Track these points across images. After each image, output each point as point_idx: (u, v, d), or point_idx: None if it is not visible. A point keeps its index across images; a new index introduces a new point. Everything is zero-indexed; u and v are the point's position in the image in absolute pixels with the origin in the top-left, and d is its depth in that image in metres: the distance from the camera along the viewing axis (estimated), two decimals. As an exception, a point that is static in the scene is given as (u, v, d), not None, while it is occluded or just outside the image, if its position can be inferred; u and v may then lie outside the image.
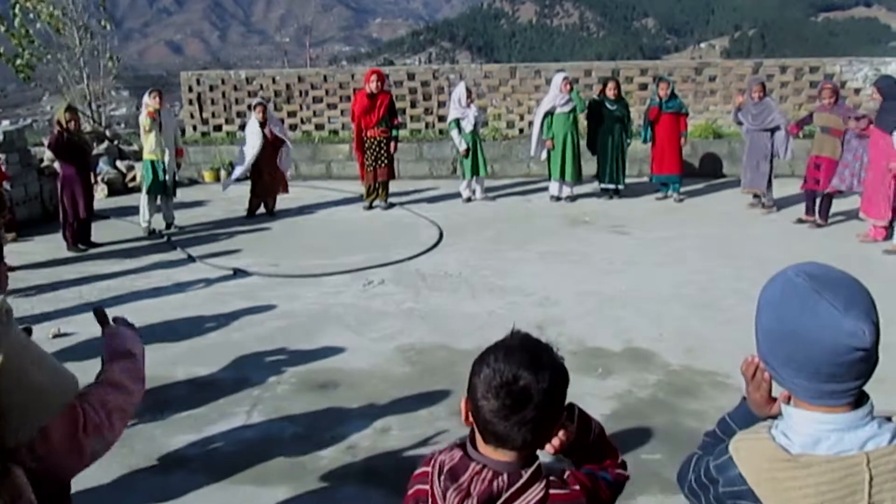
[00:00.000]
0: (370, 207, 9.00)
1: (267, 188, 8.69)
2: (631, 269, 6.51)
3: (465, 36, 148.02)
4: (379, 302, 5.86)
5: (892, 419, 1.16)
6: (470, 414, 1.31)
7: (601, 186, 9.28)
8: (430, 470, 1.32)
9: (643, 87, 11.13)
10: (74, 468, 1.36)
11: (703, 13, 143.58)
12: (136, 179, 9.96)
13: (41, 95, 13.33)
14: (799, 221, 7.82)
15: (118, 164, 10.49)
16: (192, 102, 11.64)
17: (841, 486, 1.10)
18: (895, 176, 6.51)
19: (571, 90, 8.92)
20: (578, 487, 1.29)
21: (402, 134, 10.95)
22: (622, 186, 9.19)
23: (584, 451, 1.39)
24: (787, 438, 1.16)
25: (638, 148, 9.52)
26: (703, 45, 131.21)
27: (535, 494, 1.23)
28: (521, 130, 11.25)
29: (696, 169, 10.41)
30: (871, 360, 1.12)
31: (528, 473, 1.25)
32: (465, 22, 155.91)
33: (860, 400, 1.15)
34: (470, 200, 9.29)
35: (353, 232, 8.06)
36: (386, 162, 8.79)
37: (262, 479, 3.53)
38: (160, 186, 7.86)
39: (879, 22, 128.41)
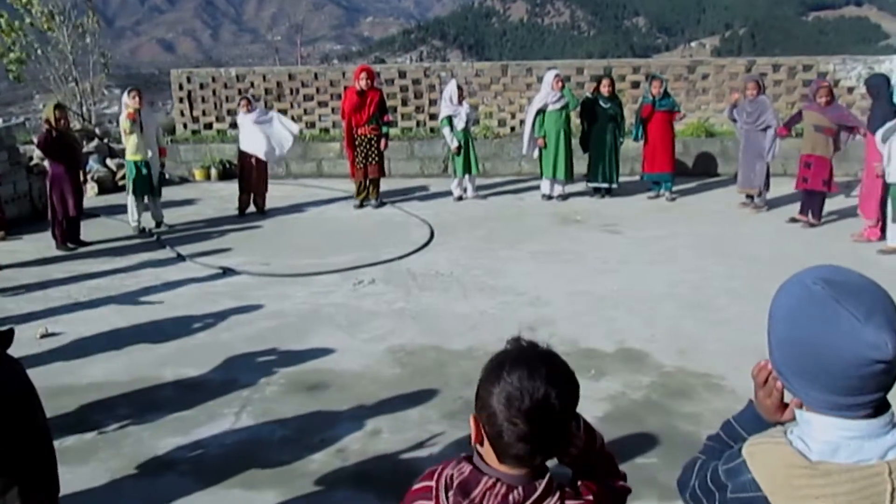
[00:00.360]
0: (361, 206, 8.94)
1: (254, 183, 8.59)
2: (623, 268, 6.48)
3: (456, 35, 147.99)
4: (369, 302, 5.80)
5: None
6: (485, 435, 1.22)
7: (592, 185, 9.26)
8: (433, 485, 1.26)
9: (635, 85, 11.10)
10: None
11: (693, 12, 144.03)
12: (126, 177, 9.87)
13: (33, 94, 13.23)
14: (792, 220, 7.80)
15: (108, 162, 10.39)
16: (182, 100, 11.53)
17: (861, 496, 1.05)
18: (878, 176, 6.51)
19: (563, 87, 8.89)
20: (592, 497, 1.25)
21: (393, 132, 10.89)
22: (616, 185, 9.17)
23: (589, 461, 1.36)
24: (804, 444, 1.10)
25: (630, 146, 9.49)
26: (693, 44, 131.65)
27: (550, 501, 1.20)
28: (512, 129, 11.20)
29: (688, 168, 10.40)
30: (893, 371, 1.05)
31: (542, 485, 1.21)
32: (456, 21, 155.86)
33: (881, 407, 1.09)
34: (461, 199, 9.24)
35: (343, 231, 8.00)
36: (376, 159, 8.75)
37: (250, 483, 3.47)
38: (146, 187, 7.81)
39: (870, 21, 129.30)
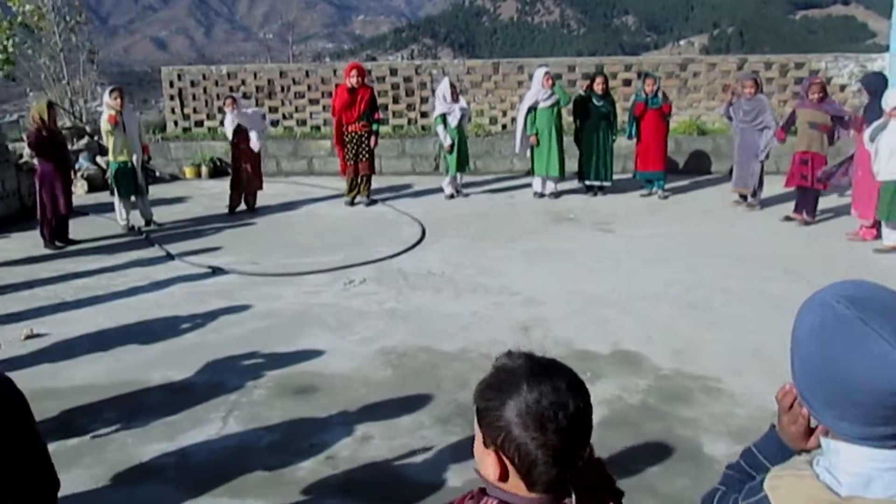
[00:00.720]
0: (352, 203, 8.86)
1: (247, 183, 8.52)
2: (617, 267, 6.41)
3: (447, 33, 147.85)
4: (360, 302, 5.71)
5: None
6: (512, 468, 1.09)
7: (585, 183, 9.20)
8: None
9: (627, 83, 11.05)
10: None
11: (682, 10, 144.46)
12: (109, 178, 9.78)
13: (27, 91, 13.09)
14: (787, 219, 7.77)
15: (98, 159, 10.25)
16: (173, 98, 11.42)
17: None
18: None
19: (553, 84, 8.82)
20: None
21: (384, 130, 10.81)
22: (609, 183, 9.11)
23: (587, 472, 1.26)
24: (833, 477, 1.00)
25: (622, 144, 9.44)
26: (682, 42, 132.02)
27: None
28: (503, 126, 11.13)
29: (680, 165, 10.37)
30: None
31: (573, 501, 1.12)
32: (447, 19, 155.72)
33: None
34: (453, 197, 9.17)
35: (334, 229, 7.90)
36: (367, 156, 8.69)
37: (237, 491, 3.37)
38: (131, 187, 7.73)
39: (857, 20, 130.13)
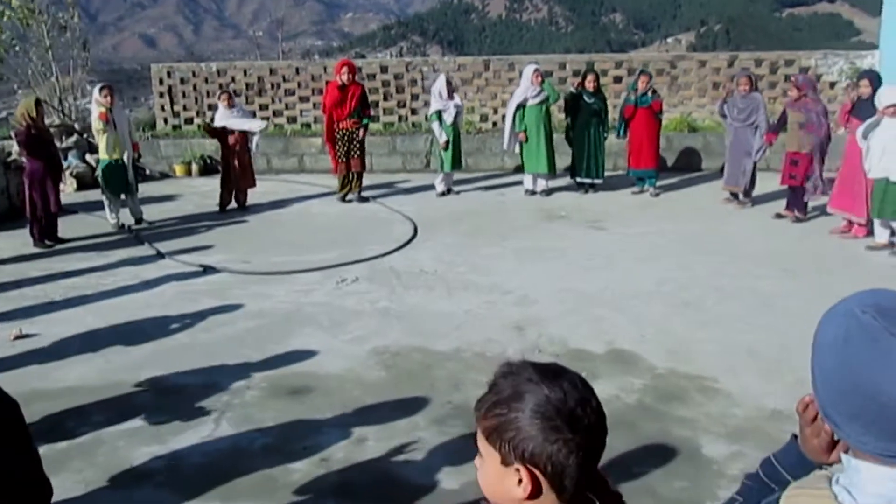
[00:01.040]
0: (344, 200, 8.81)
1: (238, 181, 8.44)
2: (609, 266, 6.39)
3: (435, 30, 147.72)
4: (352, 300, 5.66)
5: None
6: (545, 482, 1.02)
7: (577, 180, 9.19)
8: None
9: (618, 80, 11.05)
10: None
11: (669, 8, 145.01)
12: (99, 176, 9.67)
13: (14, 89, 12.94)
14: (778, 216, 7.78)
15: (87, 157, 10.13)
16: (162, 95, 11.31)
17: None
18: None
19: (542, 82, 8.81)
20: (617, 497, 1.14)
21: (375, 127, 10.77)
22: (600, 180, 9.11)
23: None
24: (852, 497, 0.97)
25: (612, 142, 9.43)
26: (669, 39, 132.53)
27: None
28: (494, 124, 11.10)
29: (671, 163, 10.38)
30: None
31: (596, 500, 1.08)
32: (435, 16, 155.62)
33: None
34: (444, 194, 9.13)
35: (326, 227, 7.85)
36: (358, 153, 8.65)
37: (230, 495, 3.32)
38: (121, 185, 7.65)
39: (842, 17, 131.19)
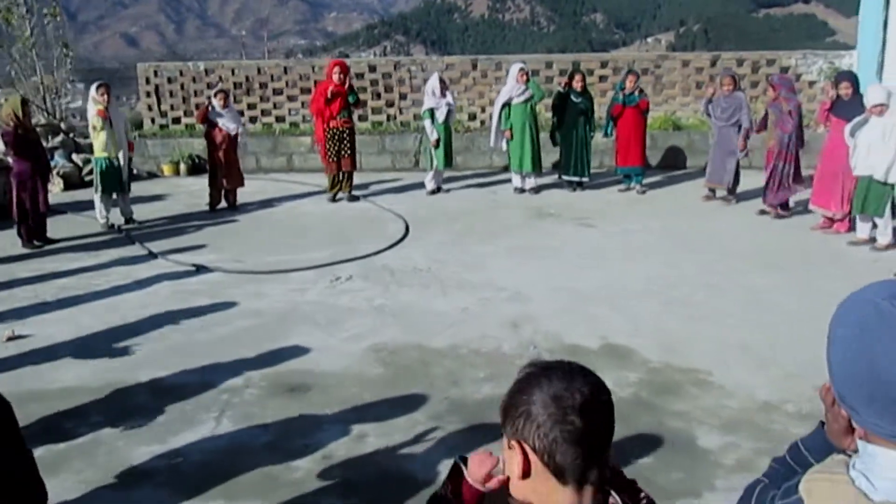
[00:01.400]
0: (334, 199, 8.82)
1: (226, 180, 8.41)
2: (600, 263, 6.46)
3: (419, 30, 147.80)
4: (347, 299, 5.68)
5: None
6: (534, 457, 1.09)
7: (565, 178, 9.27)
8: None
9: (603, 79, 11.15)
10: None
11: (649, 8, 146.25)
12: (93, 173, 9.55)
13: (-2, 88, 12.84)
14: (761, 213, 7.91)
15: (74, 157, 10.04)
16: (149, 95, 11.23)
17: None
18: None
19: (528, 81, 8.88)
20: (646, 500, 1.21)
21: (364, 126, 10.78)
22: (587, 178, 9.20)
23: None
24: (867, 482, 1.00)
25: (598, 140, 9.53)
26: (649, 39, 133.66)
27: None
28: (482, 123, 11.15)
29: (656, 161, 10.49)
30: None
31: (618, 499, 1.13)
32: (419, 16, 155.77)
33: None
34: (435, 193, 9.17)
35: (317, 226, 7.85)
36: (349, 152, 8.67)
37: (232, 493, 3.33)
38: (116, 184, 7.61)
39: (817, 18, 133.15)
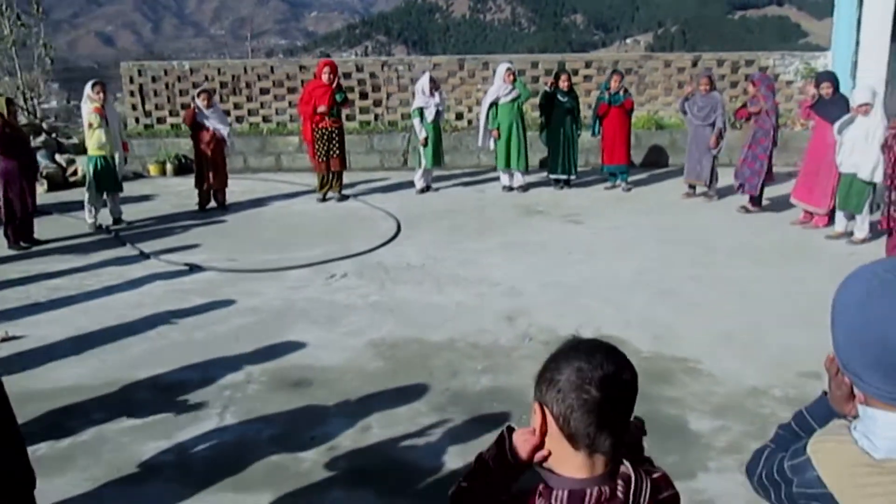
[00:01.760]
0: (324, 199, 8.86)
1: (213, 179, 8.41)
2: (589, 258, 6.59)
3: (400, 30, 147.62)
4: (343, 295, 5.74)
5: None
6: (551, 423, 1.20)
7: (552, 177, 9.40)
8: None
9: (587, 78, 11.31)
10: None
11: (628, 9, 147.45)
12: (77, 174, 9.52)
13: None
14: (744, 210, 8.07)
15: (57, 157, 9.97)
16: (133, 94, 11.18)
17: None
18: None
19: (515, 80, 9.01)
20: (659, 475, 1.28)
21: (352, 126, 10.83)
22: (574, 176, 9.34)
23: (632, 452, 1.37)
24: (869, 442, 1.10)
25: (584, 139, 9.68)
26: (628, 40, 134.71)
27: (646, 486, 1.21)
28: (469, 122, 11.26)
29: (640, 160, 10.67)
30: None
31: (630, 469, 1.21)
32: (399, 16, 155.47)
33: None
34: (424, 191, 9.26)
35: (309, 225, 7.90)
36: (338, 152, 8.71)
37: (242, 485, 3.39)
38: (109, 182, 7.60)
39: (790, 20, 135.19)
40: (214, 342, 4.87)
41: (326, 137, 8.59)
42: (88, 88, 7.43)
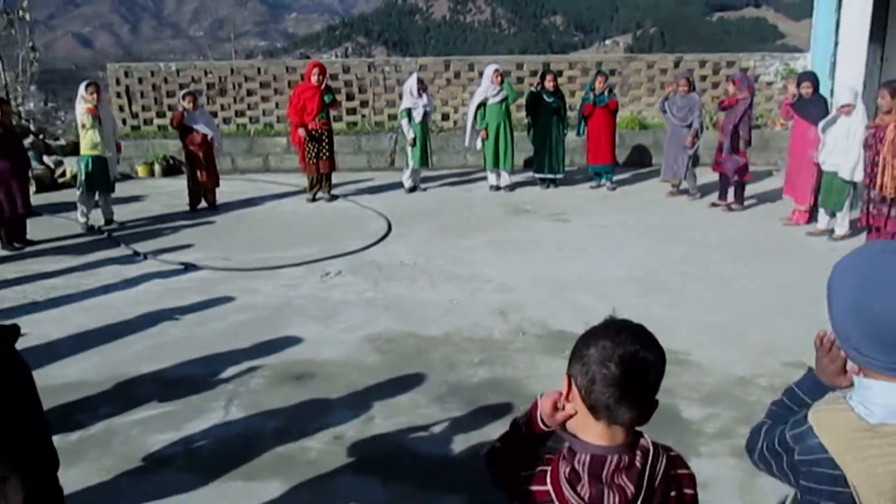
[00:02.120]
0: (314, 199, 8.93)
1: (204, 180, 8.47)
2: (579, 255, 6.74)
3: (380, 31, 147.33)
4: (339, 293, 5.84)
5: None
6: (576, 393, 1.32)
7: (538, 176, 9.56)
8: (548, 488, 1.32)
9: (571, 79, 11.50)
10: None
11: (607, 11, 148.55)
12: (66, 175, 9.49)
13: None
14: (728, 209, 8.27)
15: (45, 159, 9.94)
16: (120, 95, 11.16)
17: None
18: (816, 164, 7.05)
19: (502, 81, 9.15)
20: (676, 454, 1.41)
21: (339, 127, 10.90)
22: (561, 175, 9.51)
23: None
24: (865, 409, 1.18)
25: (569, 139, 9.85)
26: (608, 41, 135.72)
27: (663, 459, 1.34)
28: (455, 123, 11.39)
29: (623, 159, 10.86)
30: None
31: (649, 443, 1.34)
32: (380, 17, 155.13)
33: None
34: (412, 191, 9.36)
35: (300, 224, 7.97)
36: (327, 154, 8.78)
37: (251, 474, 3.48)
38: (102, 183, 7.63)
39: (768, 22, 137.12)
40: (215, 338, 4.95)
41: (316, 139, 8.67)
42: (82, 89, 7.45)
